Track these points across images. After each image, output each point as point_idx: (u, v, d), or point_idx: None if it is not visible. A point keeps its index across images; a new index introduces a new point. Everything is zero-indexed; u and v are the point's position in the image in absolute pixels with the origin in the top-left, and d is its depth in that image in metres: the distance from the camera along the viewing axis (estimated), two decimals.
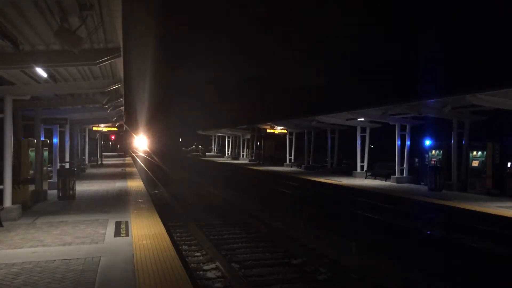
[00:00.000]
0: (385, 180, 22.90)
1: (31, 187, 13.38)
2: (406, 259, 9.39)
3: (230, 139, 56.17)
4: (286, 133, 37.11)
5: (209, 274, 8.46)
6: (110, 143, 70.09)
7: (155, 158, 54.78)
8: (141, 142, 77.24)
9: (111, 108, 19.66)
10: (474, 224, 12.47)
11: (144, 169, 36.21)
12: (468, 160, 18.56)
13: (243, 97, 57.09)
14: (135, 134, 72.81)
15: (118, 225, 10.21)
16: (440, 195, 16.79)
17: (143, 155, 69.39)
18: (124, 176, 24.53)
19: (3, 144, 10.94)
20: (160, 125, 71.84)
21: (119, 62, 11.33)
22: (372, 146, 26.21)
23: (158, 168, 38.02)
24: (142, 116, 65.21)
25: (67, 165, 18.38)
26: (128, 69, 12.06)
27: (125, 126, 47.56)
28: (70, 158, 20.95)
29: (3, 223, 10.03)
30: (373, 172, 24.87)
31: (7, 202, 10.82)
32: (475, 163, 18.12)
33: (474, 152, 18.23)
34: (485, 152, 17.67)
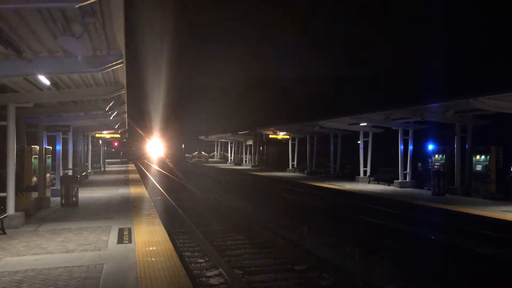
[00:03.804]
0: (389, 185, 22.83)
1: (34, 194, 13.40)
2: (410, 264, 9.33)
3: (233, 145, 56.20)
4: (289, 138, 37.10)
5: (212, 281, 8.42)
6: (113, 149, 70.13)
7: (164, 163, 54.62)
8: (146, 148, 77.26)
9: (114, 114, 19.69)
10: (479, 229, 12.40)
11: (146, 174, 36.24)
12: (471, 164, 18.49)
13: (249, 102, 57.11)
14: (139, 141, 72.93)
15: (121, 231, 10.20)
16: (444, 200, 16.72)
17: (148, 161, 69.38)
18: (127, 182, 24.54)
19: (6, 151, 10.97)
20: (165, 131, 71.74)
21: (122, 69, 11.36)
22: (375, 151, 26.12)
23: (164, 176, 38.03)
24: (146, 123, 65.08)
25: (70, 172, 18.41)
26: (131, 75, 12.08)
27: (128, 133, 47.69)
28: (73, 165, 20.98)
29: (6, 231, 10.04)
30: (376, 176, 24.80)
31: (10, 209, 10.83)
32: (478, 168, 18.05)
33: (478, 157, 18.15)
34: (488, 157, 17.60)
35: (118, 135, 37.92)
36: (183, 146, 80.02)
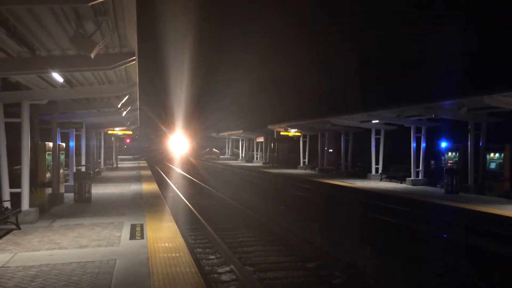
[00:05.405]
0: (401, 183, 22.66)
1: (48, 190, 13.56)
2: (423, 264, 9.27)
3: (244, 142, 56.21)
4: (300, 135, 36.97)
5: (224, 277, 8.47)
6: (125, 146, 70.54)
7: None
8: (163, 145, 77.25)
9: (126, 111, 19.83)
10: (494, 227, 12.25)
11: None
12: (485, 162, 18.26)
13: (261, 99, 57.00)
14: (152, 137, 73.17)
15: (133, 227, 10.28)
16: (457, 198, 16.54)
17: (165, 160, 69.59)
18: (139, 179, 24.72)
19: (21, 148, 11.12)
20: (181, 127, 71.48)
21: (134, 66, 11.43)
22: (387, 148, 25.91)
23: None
24: (159, 120, 64.82)
25: (83, 168, 18.60)
26: (143, 72, 12.13)
27: (140, 129, 47.93)
28: (86, 161, 21.20)
29: (21, 226, 10.18)
30: (388, 174, 24.62)
31: (25, 205, 10.99)
32: (492, 165, 17.82)
33: (491, 154, 17.92)
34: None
35: (130, 132, 38.17)
36: (194, 143, 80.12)
